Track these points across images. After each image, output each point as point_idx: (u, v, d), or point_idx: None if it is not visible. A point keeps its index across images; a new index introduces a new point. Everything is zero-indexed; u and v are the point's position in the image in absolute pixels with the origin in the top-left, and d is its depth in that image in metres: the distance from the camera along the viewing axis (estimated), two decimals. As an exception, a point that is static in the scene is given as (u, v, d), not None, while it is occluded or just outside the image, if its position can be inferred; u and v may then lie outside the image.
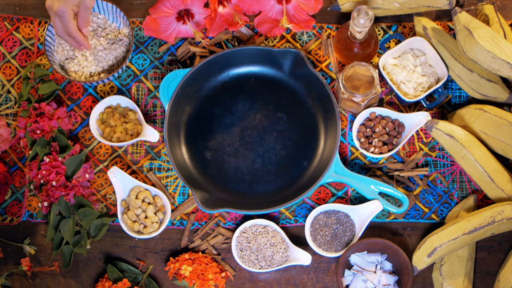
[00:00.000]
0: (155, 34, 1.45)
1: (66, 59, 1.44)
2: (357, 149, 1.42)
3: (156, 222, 1.36)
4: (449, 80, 1.44)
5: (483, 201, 1.38)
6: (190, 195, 1.40)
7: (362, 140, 1.39)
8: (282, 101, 1.43)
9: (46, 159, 1.35)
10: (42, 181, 1.35)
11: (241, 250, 1.34)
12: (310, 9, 1.46)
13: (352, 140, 1.42)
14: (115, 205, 1.39)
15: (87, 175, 1.37)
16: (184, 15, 1.44)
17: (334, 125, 1.37)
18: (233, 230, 1.38)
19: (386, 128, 1.39)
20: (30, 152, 1.38)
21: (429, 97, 1.44)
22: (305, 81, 1.42)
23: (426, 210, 1.38)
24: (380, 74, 1.42)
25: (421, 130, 1.42)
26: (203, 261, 1.34)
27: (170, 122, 1.38)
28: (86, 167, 1.38)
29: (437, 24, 1.46)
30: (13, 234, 1.39)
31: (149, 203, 1.37)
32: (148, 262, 1.37)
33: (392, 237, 1.37)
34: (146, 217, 1.36)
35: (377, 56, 1.45)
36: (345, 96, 1.36)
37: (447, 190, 1.39)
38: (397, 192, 1.35)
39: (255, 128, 1.42)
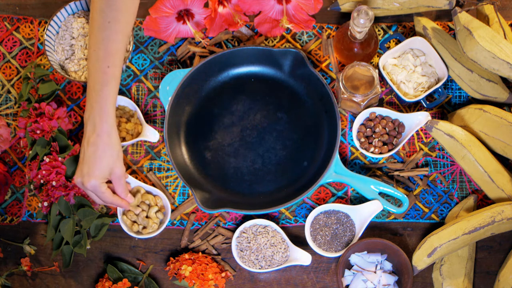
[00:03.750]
0: (155, 34, 1.45)
1: (66, 59, 1.44)
2: (357, 149, 1.42)
3: (156, 222, 1.36)
4: (449, 80, 1.44)
5: (483, 201, 1.38)
6: (190, 195, 1.40)
7: (362, 140, 1.39)
8: (282, 101, 1.43)
9: (46, 159, 1.35)
10: (42, 181, 1.35)
11: (241, 250, 1.34)
12: (310, 9, 1.46)
13: (352, 140, 1.42)
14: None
15: (87, 175, 1.38)
16: (184, 15, 1.44)
17: (334, 125, 1.37)
18: (233, 230, 1.38)
19: (386, 128, 1.39)
20: (30, 152, 1.38)
21: (429, 97, 1.44)
22: (305, 81, 1.42)
23: (426, 210, 1.38)
24: (380, 74, 1.42)
25: (421, 130, 1.42)
26: (203, 261, 1.34)
27: (170, 122, 1.38)
28: (86, 167, 1.38)
29: (437, 24, 1.46)
30: (13, 234, 1.39)
31: (149, 203, 1.37)
32: (148, 262, 1.37)
33: (392, 237, 1.37)
34: (146, 217, 1.36)
35: (377, 56, 1.45)
36: (345, 96, 1.36)
37: (447, 190, 1.39)
38: (397, 192, 1.35)
39: (255, 128, 1.42)
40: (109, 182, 1.27)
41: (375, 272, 1.31)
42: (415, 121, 1.37)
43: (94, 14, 1.23)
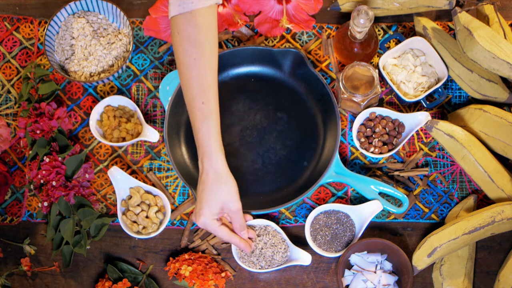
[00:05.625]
0: (155, 34, 1.45)
1: (66, 59, 1.44)
2: (357, 149, 1.42)
3: (156, 223, 1.36)
4: (449, 80, 1.44)
5: (483, 201, 1.38)
6: (190, 195, 1.40)
7: (362, 140, 1.39)
8: (282, 101, 1.43)
9: (46, 159, 1.35)
10: (42, 181, 1.35)
11: (241, 250, 1.34)
12: (310, 9, 1.46)
13: (352, 140, 1.42)
14: (115, 205, 1.40)
15: (87, 175, 1.38)
16: (184, 15, 1.44)
17: (334, 125, 1.37)
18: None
19: (386, 128, 1.39)
20: (30, 152, 1.38)
21: (429, 97, 1.44)
22: (305, 81, 1.42)
23: (426, 210, 1.38)
24: (380, 74, 1.42)
25: (421, 130, 1.42)
26: (203, 261, 1.34)
27: (170, 122, 1.38)
28: (86, 167, 1.38)
29: (437, 24, 1.46)
30: (13, 234, 1.39)
31: (149, 204, 1.37)
32: (148, 262, 1.37)
33: (392, 237, 1.37)
34: (146, 217, 1.36)
35: (377, 56, 1.45)
36: (345, 96, 1.36)
37: (447, 190, 1.39)
38: (397, 192, 1.35)
39: (255, 128, 1.42)
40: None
41: (375, 272, 1.31)
42: (415, 121, 1.37)
43: (179, 56, 1.25)
